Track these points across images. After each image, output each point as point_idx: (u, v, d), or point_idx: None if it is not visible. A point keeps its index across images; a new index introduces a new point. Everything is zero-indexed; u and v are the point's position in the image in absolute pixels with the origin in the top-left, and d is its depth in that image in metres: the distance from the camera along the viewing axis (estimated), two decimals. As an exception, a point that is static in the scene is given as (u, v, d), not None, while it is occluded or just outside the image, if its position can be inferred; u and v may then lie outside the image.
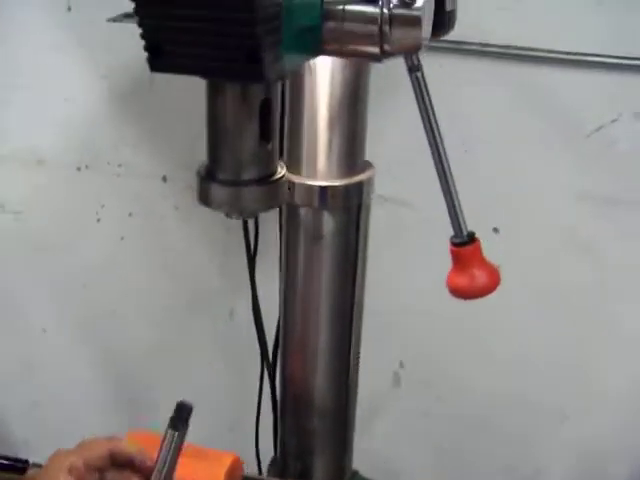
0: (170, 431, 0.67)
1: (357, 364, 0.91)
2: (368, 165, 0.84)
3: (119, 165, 1.41)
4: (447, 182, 0.63)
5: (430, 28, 0.60)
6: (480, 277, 0.65)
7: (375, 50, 0.58)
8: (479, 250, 0.65)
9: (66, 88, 1.35)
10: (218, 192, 0.59)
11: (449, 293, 0.67)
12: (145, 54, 0.51)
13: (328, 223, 0.82)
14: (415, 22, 0.57)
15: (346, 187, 0.81)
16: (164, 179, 1.41)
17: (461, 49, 1.08)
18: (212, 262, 1.42)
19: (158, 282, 1.47)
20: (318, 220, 0.82)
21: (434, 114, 0.61)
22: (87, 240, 1.46)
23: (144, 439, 0.81)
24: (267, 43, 0.49)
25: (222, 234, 1.38)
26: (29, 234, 1.48)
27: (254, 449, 1.22)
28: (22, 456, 1.64)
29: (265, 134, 0.58)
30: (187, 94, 1.21)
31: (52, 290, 1.52)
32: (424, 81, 0.60)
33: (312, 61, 0.76)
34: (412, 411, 1.45)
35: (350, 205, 0.82)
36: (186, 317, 1.47)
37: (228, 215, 0.61)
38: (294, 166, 0.80)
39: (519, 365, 1.32)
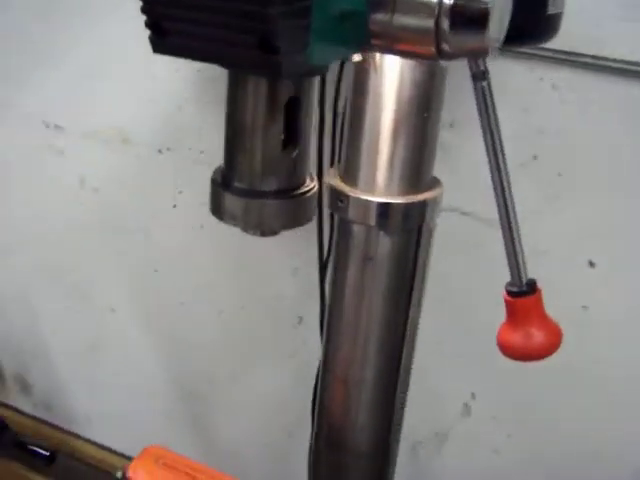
0: None
1: (403, 401, 0.81)
2: (435, 182, 0.74)
3: (201, 152, 1.36)
4: (507, 213, 0.53)
5: (504, 28, 0.50)
6: (537, 337, 0.55)
7: (430, 50, 0.47)
8: (540, 303, 0.55)
9: (155, 69, 1.31)
10: (231, 203, 0.51)
11: (498, 348, 0.56)
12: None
13: (382, 244, 0.72)
14: (481, 18, 0.47)
15: (406, 206, 0.71)
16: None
17: (569, 60, 0.95)
18: (287, 264, 1.35)
19: (229, 278, 1.41)
20: (371, 240, 0.72)
21: (499, 133, 0.51)
22: (161, 225, 1.43)
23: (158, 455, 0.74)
24: (287, 28, 0.41)
25: (299, 236, 1.30)
26: (105, 212, 1.46)
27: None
28: (84, 433, 1.64)
29: (290, 139, 0.49)
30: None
31: (123, 271, 1.49)
32: (490, 93, 0.50)
33: (379, 57, 0.67)
34: (481, 445, 1.33)
35: (409, 226, 0.73)
36: (254, 318, 1.40)
37: (244, 230, 0.53)
38: (350, 177, 0.71)
39: (606, 410, 1.18)
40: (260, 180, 0.51)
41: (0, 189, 1.51)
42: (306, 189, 0.52)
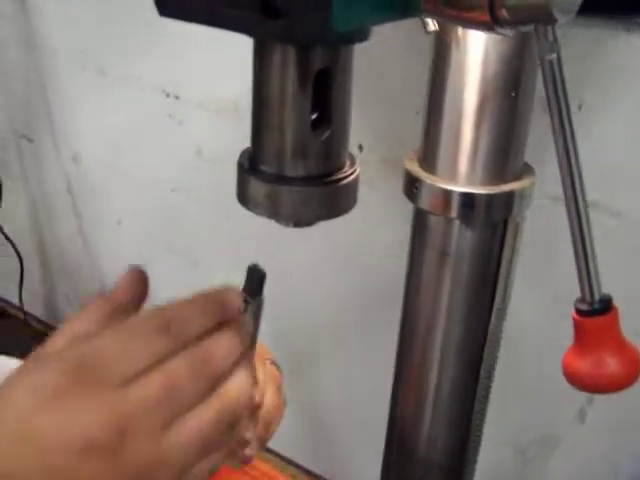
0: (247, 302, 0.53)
1: (483, 410, 0.73)
2: (527, 171, 0.66)
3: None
4: (578, 215, 0.44)
5: None
6: (611, 365, 0.46)
7: (483, 17, 0.40)
8: (615, 324, 0.46)
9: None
10: (255, 189, 0.45)
11: (565, 376, 0.48)
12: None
13: (462, 239, 0.65)
14: None
15: (491, 197, 0.63)
16: (360, 148, 1.29)
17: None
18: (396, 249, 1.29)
19: (337, 257, 1.36)
20: (449, 233, 0.65)
21: (570, 120, 0.43)
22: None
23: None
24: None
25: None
26: (220, 184, 1.44)
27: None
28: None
29: (321, 117, 0.43)
30: (389, 60, 1.09)
31: (241, 247, 1.47)
32: (560, 70, 0.42)
33: (460, 31, 0.59)
34: (594, 453, 1.23)
35: (493, 220, 0.65)
36: (360, 305, 1.35)
37: (275, 220, 0.47)
38: (428, 163, 0.65)
39: None
40: (287, 164, 0.45)
41: (128, 158, 1.52)
42: (342, 175, 0.46)
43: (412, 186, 0.64)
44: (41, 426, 0.40)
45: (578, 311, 0.47)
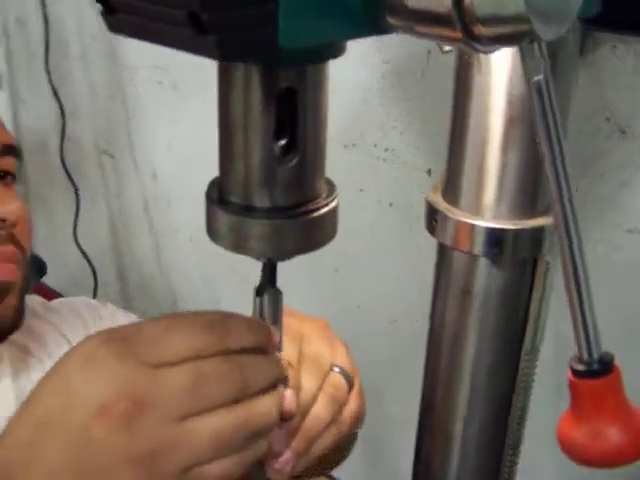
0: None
1: (513, 464, 0.67)
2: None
3: (385, 149, 1.28)
4: (574, 262, 0.38)
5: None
6: (609, 436, 0.39)
7: (456, 33, 0.35)
8: (617, 388, 0.40)
9: (340, 59, 1.24)
10: (219, 220, 0.42)
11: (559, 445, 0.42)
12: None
13: (485, 277, 0.60)
14: None
15: (518, 233, 0.58)
16: (429, 172, 1.24)
17: None
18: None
19: (402, 282, 1.31)
20: (473, 271, 0.60)
21: (561, 148, 0.37)
22: (341, 222, 1.36)
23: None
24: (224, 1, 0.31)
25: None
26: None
27: None
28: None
29: (288, 143, 0.39)
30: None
31: (304, 268, 1.45)
32: (549, 93, 0.36)
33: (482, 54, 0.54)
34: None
35: (522, 257, 0.59)
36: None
37: (245, 254, 0.43)
38: (451, 193, 0.60)
39: None
40: (250, 194, 0.41)
41: (200, 175, 1.52)
42: (315, 206, 0.42)
43: (432, 219, 0.60)
44: (74, 383, 0.43)
45: (573, 371, 0.41)
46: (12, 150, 0.80)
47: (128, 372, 0.42)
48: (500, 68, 0.54)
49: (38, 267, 1.55)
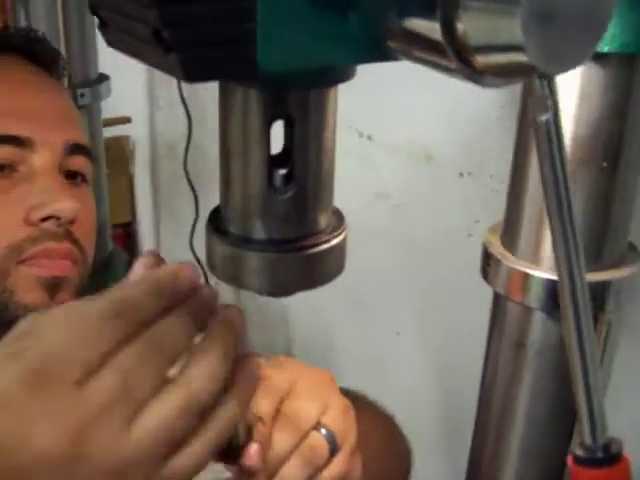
0: None
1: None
2: (630, 256, 0.54)
3: (502, 181, 1.22)
4: (579, 330, 0.34)
5: (592, 38, 0.31)
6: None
7: (448, 63, 0.31)
8: (625, 480, 0.34)
9: (459, 86, 1.20)
10: (218, 252, 0.40)
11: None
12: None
13: (542, 332, 0.55)
14: (502, 12, 0.29)
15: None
16: (545, 207, 1.18)
17: None
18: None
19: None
20: (527, 324, 0.55)
21: (568, 194, 0.33)
22: (455, 253, 1.32)
23: None
24: (182, 15, 0.29)
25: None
26: (401, 229, 1.39)
27: None
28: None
29: (287, 173, 0.37)
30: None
31: (413, 294, 1.41)
32: (558, 134, 0.32)
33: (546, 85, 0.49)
34: None
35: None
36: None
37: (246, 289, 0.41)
38: (507, 239, 0.55)
39: None
40: (244, 224, 0.39)
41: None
42: (315, 241, 0.39)
43: (486, 263, 0.55)
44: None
45: (575, 458, 0.36)
46: (82, 150, 0.78)
47: (53, 409, 0.39)
48: (565, 108, 0.49)
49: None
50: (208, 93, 1.66)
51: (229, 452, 0.49)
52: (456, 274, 1.31)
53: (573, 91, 0.49)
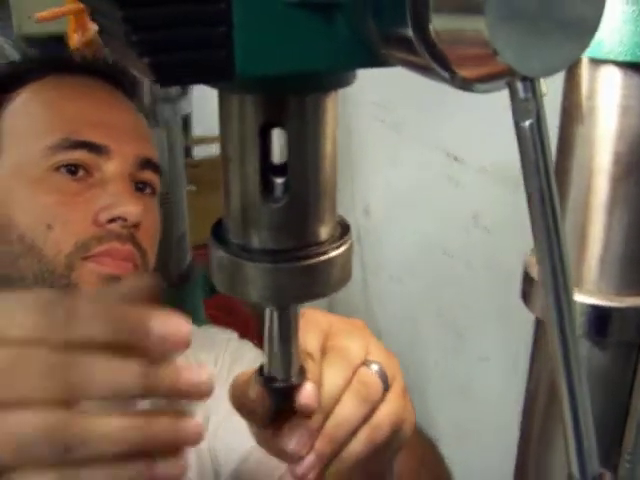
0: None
1: None
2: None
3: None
4: (566, 355, 0.31)
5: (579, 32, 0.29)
6: None
7: (424, 62, 0.30)
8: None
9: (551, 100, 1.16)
10: (218, 261, 0.40)
11: None
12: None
13: (584, 359, 0.51)
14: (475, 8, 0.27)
15: (624, 312, 0.49)
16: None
17: None
18: None
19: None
20: (567, 349, 0.52)
21: (554, 208, 0.31)
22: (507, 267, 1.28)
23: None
24: (160, 18, 0.30)
25: None
26: (493, 254, 1.36)
27: None
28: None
29: (277, 181, 0.37)
30: None
31: (499, 319, 1.37)
32: (541, 140, 0.30)
33: (587, 94, 0.47)
34: None
35: (626, 339, 0.50)
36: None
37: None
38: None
39: None
40: (240, 233, 0.38)
41: (408, 215, 1.51)
42: (312, 252, 0.38)
43: (526, 286, 0.53)
44: None
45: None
46: (152, 165, 0.84)
47: None
48: (607, 119, 0.47)
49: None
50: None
51: (285, 393, 0.46)
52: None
53: (613, 104, 0.46)
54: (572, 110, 0.49)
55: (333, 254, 0.39)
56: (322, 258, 0.38)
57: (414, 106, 1.42)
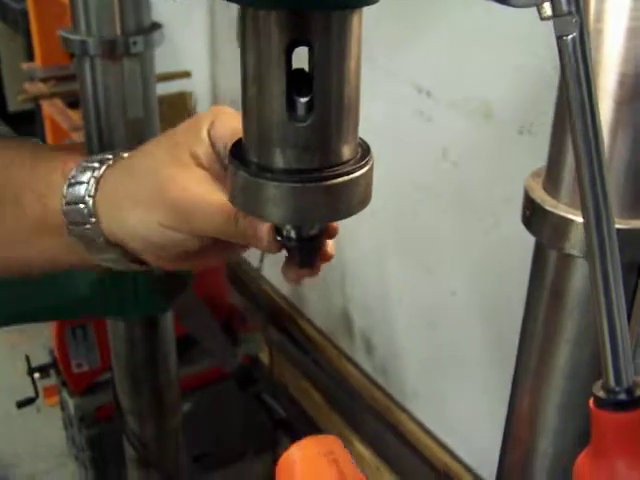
0: None
1: None
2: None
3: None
4: (604, 270, 0.32)
5: None
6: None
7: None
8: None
9: (523, 43, 1.17)
10: (237, 180, 0.39)
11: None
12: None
13: (580, 280, 0.53)
14: None
15: (624, 233, 0.50)
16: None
17: None
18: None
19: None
20: (565, 271, 0.53)
21: (595, 125, 0.31)
22: (513, 212, 1.29)
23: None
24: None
25: None
26: (460, 189, 1.37)
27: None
28: (408, 407, 1.60)
29: (302, 100, 0.36)
30: None
31: (468, 253, 1.39)
32: (584, 56, 0.30)
33: (593, 13, 0.47)
34: None
35: (628, 260, 0.51)
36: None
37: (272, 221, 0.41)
38: (552, 183, 0.53)
39: None
40: (263, 153, 0.38)
41: (378, 150, 1.51)
42: (336, 172, 0.38)
43: (527, 208, 0.53)
44: None
45: (595, 399, 0.34)
46: None
47: None
48: (611, 43, 0.47)
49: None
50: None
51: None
52: (511, 234, 1.29)
53: (620, 26, 0.46)
54: (571, 26, 0.49)
55: (358, 173, 0.39)
56: (347, 177, 0.38)
57: (385, 41, 1.41)
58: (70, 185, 0.54)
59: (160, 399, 1.14)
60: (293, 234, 0.43)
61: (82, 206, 0.53)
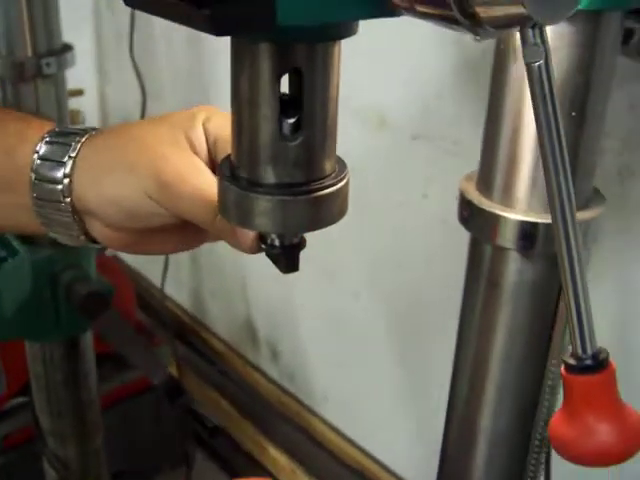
0: None
1: (539, 462, 0.66)
2: (595, 199, 0.58)
3: (454, 142, 1.27)
4: (569, 253, 0.38)
5: None
6: (599, 433, 0.39)
7: (451, 13, 0.35)
8: (610, 385, 0.39)
9: (417, 52, 1.24)
10: (229, 195, 0.43)
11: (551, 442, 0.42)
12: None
13: (514, 271, 0.59)
14: None
15: (550, 227, 0.57)
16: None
17: None
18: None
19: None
20: (503, 265, 0.59)
21: (560, 139, 0.37)
22: (410, 214, 1.36)
23: None
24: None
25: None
26: (356, 193, 1.42)
27: None
28: (318, 410, 1.64)
29: (296, 122, 0.40)
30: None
31: (367, 256, 1.45)
32: (549, 80, 0.36)
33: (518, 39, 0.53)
34: None
35: (553, 252, 0.58)
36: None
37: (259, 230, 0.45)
38: (484, 185, 0.59)
39: None
40: (256, 170, 0.42)
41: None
42: (318, 186, 0.42)
43: (463, 208, 0.59)
44: None
45: (566, 366, 0.40)
46: None
47: None
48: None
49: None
50: (164, 67, 1.67)
51: None
52: (406, 235, 1.36)
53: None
54: (504, 48, 0.55)
55: (339, 185, 0.43)
56: (331, 189, 0.43)
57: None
58: (47, 143, 0.52)
59: (82, 418, 1.14)
60: (277, 242, 0.47)
61: (59, 186, 0.50)
